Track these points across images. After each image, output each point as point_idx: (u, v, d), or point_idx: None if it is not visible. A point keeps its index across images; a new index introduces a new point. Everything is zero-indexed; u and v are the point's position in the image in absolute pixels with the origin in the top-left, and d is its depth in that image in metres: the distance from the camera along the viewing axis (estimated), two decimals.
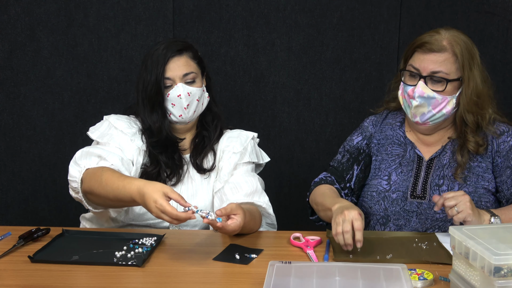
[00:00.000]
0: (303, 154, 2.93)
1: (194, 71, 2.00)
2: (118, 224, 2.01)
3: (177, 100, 1.95)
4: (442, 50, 1.89)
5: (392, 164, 2.02)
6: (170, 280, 1.55)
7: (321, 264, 1.59)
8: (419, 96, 1.90)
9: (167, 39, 2.05)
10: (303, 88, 2.88)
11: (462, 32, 1.96)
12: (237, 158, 2.04)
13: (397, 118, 2.10)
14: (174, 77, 1.96)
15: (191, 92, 1.96)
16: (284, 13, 2.82)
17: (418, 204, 1.95)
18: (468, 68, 1.91)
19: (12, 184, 2.93)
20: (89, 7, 2.79)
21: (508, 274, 1.27)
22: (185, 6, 2.81)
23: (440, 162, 1.99)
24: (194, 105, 1.99)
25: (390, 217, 1.97)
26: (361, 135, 2.11)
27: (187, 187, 2.02)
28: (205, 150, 2.05)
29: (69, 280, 1.52)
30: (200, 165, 2.04)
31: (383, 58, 2.86)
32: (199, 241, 1.85)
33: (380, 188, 2.00)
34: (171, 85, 1.96)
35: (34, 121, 2.88)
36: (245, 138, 2.09)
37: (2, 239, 1.78)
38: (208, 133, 2.07)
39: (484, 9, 2.79)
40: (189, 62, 2.00)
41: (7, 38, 2.81)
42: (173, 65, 1.97)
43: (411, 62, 1.94)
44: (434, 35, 1.91)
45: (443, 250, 1.70)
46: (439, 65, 1.89)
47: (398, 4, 2.81)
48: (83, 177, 1.83)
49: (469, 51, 1.92)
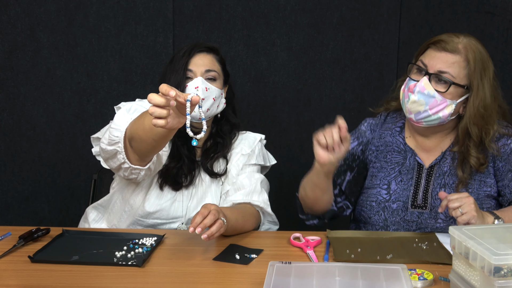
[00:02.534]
0: (303, 154, 2.93)
1: (217, 70, 2.02)
2: (125, 219, 2.00)
3: (193, 91, 1.93)
4: (455, 52, 1.86)
5: (391, 172, 1.98)
6: (170, 280, 1.55)
7: (321, 264, 1.60)
8: (419, 91, 1.86)
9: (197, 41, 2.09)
10: (303, 88, 2.88)
11: (481, 44, 1.92)
12: (245, 159, 2.05)
13: (397, 123, 2.05)
14: (196, 70, 1.97)
15: (209, 88, 1.96)
16: (284, 13, 2.82)
17: (419, 214, 1.93)
18: (478, 78, 1.86)
19: (12, 184, 2.93)
20: (89, 7, 2.79)
21: (508, 274, 1.27)
22: (185, 6, 2.81)
23: (440, 169, 1.95)
24: (209, 103, 1.96)
25: (389, 227, 1.95)
26: (357, 140, 2.06)
27: (197, 190, 2.03)
28: (216, 155, 2.05)
29: (69, 280, 1.52)
30: (211, 169, 2.04)
31: (383, 58, 2.86)
32: (199, 241, 1.85)
33: (380, 198, 1.96)
34: (191, 77, 1.97)
35: (34, 121, 2.88)
36: (253, 140, 2.10)
37: (2, 239, 1.78)
38: (223, 140, 2.07)
39: (484, 9, 2.79)
40: (214, 62, 2.02)
41: (7, 38, 2.81)
42: (197, 59, 1.99)
43: (421, 57, 1.91)
44: (452, 37, 1.88)
45: (443, 250, 1.70)
46: (447, 66, 1.85)
47: (398, 4, 2.81)
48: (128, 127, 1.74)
49: (483, 62, 1.88)
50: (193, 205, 2.01)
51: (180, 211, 2.00)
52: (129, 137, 1.74)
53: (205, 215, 1.64)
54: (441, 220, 1.91)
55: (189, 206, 2.00)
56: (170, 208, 1.99)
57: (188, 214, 2.00)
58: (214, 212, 1.65)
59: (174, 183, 1.99)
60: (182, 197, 2.01)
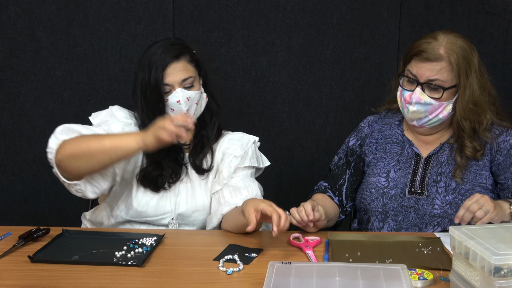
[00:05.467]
0: (303, 154, 2.93)
1: (192, 75, 1.99)
2: (117, 220, 2.00)
3: (176, 105, 1.94)
4: (439, 59, 1.90)
5: (390, 162, 2.04)
6: (170, 280, 1.55)
7: (321, 264, 1.59)
8: (416, 102, 1.92)
9: (164, 41, 2.02)
10: (303, 88, 2.88)
11: (460, 36, 1.95)
12: (238, 161, 2.04)
13: (396, 117, 2.12)
14: (172, 83, 1.95)
15: (190, 97, 1.96)
16: (284, 13, 2.82)
17: (416, 200, 1.97)
18: (464, 77, 1.91)
19: (12, 184, 2.93)
20: (89, 7, 2.79)
21: (508, 274, 1.27)
22: (185, 6, 2.81)
23: (438, 159, 2.01)
24: (193, 109, 1.98)
25: (388, 213, 1.99)
26: (356, 136, 2.13)
27: (186, 187, 2.02)
28: (204, 150, 2.05)
29: (69, 280, 1.52)
30: (199, 166, 2.04)
31: (383, 58, 2.86)
32: (199, 241, 1.85)
33: (379, 185, 2.02)
34: (169, 90, 1.95)
35: (34, 121, 2.88)
36: (246, 142, 2.09)
37: (2, 239, 1.78)
38: (207, 132, 2.06)
39: (484, 9, 2.79)
40: (187, 67, 1.98)
41: (7, 38, 2.81)
42: (171, 70, 1.95)
43: (409, 67, 1.96)
44: (431, 43, 1.91)
45: (445, 255, 1.69)
46: (435, 73, 1.90)
47: (398, 4, 2.81)
48: (59, 147, 1.84)
49: (466, 58, 1.92)
50: (182, 200, 2.00)
51: (168, 206, 2.00)
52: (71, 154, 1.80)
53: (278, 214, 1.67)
54: (437, 206, 1.95)
55: (178, 201, 2.00)
56: (157, 204, 1.99)
57: (177, 209, 2.00)
58: (281, 211, 1.69)
59: (155, 187, 1.99)
60: (169, 193, 2.01)
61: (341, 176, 2.09)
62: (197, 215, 2.01)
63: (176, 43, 2.02)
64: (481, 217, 1.73)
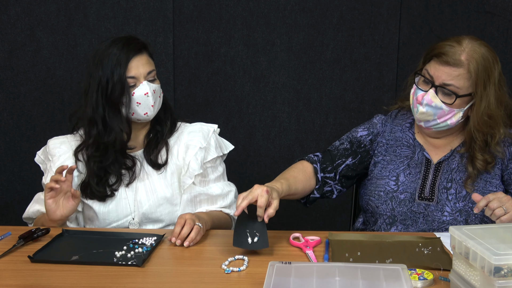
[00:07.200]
0: (303, 154, 2.92)
1: (155, 68, 2.00)
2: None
3: (143, 98, 1.93)
4: (458, 65, 1.86)
5: (400, 165, 2.01)
6: (170, 280, 1.55)
7: (321, 264, 1.59)
8: (426, 104, 1.89)
9: (118, 37, 1.99)
10: (303, 88, 2.88)
11: (486, 45, 1.91)
12: (203, 154, 2.04)
13: (407, 119, 2.08)
14: (138, 75, 1.93)
15: (155, 90, 1.96)
16: (284, 13, 2.82)
17: (426, 206, 1.95)
18: (481, 87, 1.87)
19: (12, 184, 2.93)
20: (89, 7, 2.79)
21: (508, 274, 1.27)
22: (185, 6, 2.81)
23: (448, 165, 1.98)
24: (158, 102, 1.99)
25: (397, 217, 1.97)
26: (367, 130, 2.08)
27: (144, 184, 2.02)
28: (159, 145, 2.05)
29: (69, 280, 1.52)
30: (155, 161, 2.03)
31: (383, 58, 2.86)
32: (199, 241, 1.85)
33: (388, 188, 1.99)
34: (134, 84, 1.94)
35: (34, 121, 2.88)
36: (207, 132, 2.08)
37: (2, 239, 1.78)
38: (161, 127, 2.06)
39: (484, 9, 2.79)
40: (149, 61, 1.99)
41: (7, 38, 2.81)
42: (136, 63, 1.93)
43: (427, 67, 1.92)
44: (454, 46, 1.87)
45: (445, 256, 1.69)
46: (452, 78, 1.86)
47: (398, 4, 2.81)
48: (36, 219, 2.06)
49: (486, 69, 1.88)
50: (143, 198, 2.00)
51: (127, 208, 2.00)
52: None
53: (182, 225, 1.78)
54: (447, 213, 1.92)
55: (139, 200, 2.00)
56: (117, 209, 1.99)
57: (140, 208, 2.00)
58: (189, 221, 1.78)
59: (100, 198, 1.99)
60: (126, 194, 2.01)
61: (341, 158, 2.05)
62: (161, 209, 2.00)
63: (134, 37, 2.01)
64: (500, 215, 1.71)
